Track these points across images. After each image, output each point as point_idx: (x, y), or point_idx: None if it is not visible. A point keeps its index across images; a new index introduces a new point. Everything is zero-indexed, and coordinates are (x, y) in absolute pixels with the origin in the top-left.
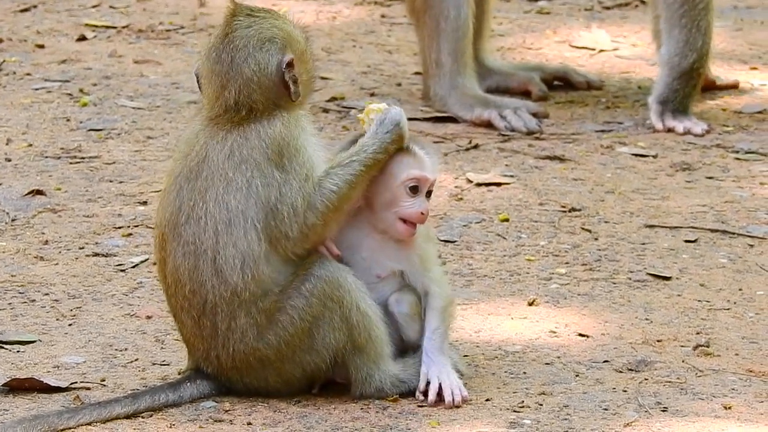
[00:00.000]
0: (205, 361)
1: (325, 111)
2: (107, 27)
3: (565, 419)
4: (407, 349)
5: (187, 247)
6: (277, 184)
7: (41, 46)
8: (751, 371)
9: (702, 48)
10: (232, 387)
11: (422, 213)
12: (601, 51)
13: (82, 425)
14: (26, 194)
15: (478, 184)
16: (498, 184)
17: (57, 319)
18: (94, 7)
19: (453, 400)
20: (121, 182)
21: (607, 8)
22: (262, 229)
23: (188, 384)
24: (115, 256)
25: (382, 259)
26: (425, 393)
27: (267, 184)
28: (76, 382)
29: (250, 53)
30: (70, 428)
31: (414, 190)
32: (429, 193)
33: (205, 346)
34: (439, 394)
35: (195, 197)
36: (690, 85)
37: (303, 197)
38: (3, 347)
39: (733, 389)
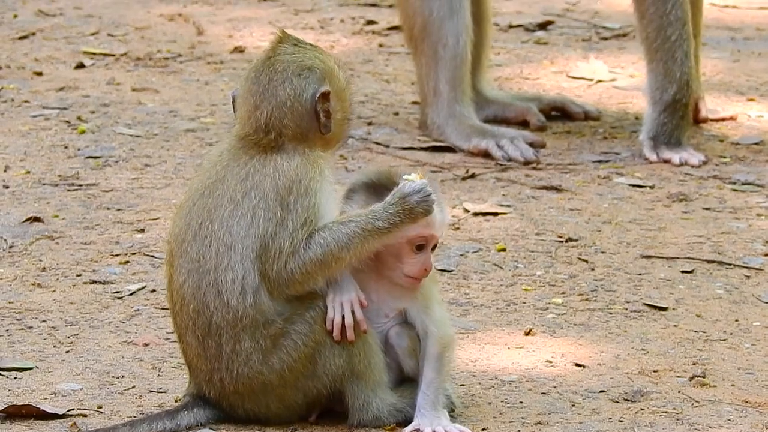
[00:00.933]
0: (207, 383)
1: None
2: (105, 55)
3: None
4: (406, 379)
5: (192, 264)
6: (275, 221)
7: (39, 74)
8: (747, 402)
9: (681, 78)
10: (232, 413)
11: (426, 269)
12: (599, 81)
13: None
14: (24, 221)
15: (475, 214)
16: (495, 214)
17: (54, 346)
18: (92, 34)
19: None
20: (118, 210)
21: (605, 39)
22: (255, 259)
23: (185, 412)
24: (112, 283)
25: (390, 301)
26: None
27: (267, 218)
28: (73, 409)
29: (288, 77)
30: None
31: (420, 248)
32: (434, 246)
33: (208, 368)
34: None
35: (204, 215)
36: (677, 117)
37: (291, 242)
38: (0, 374)
39: (729, 420)
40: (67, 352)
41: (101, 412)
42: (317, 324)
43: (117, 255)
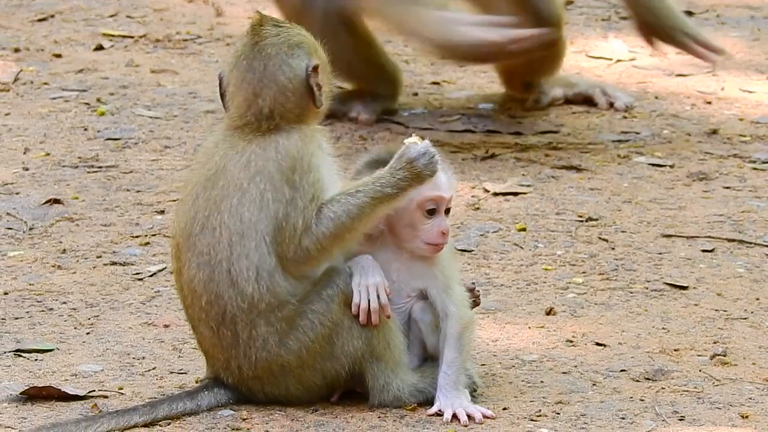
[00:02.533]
0: (225, 371)
1: (342, 121)
2: (124, 36)
3: (582, 428)
4: (429, 357)
5: (202, 257)
6: (285, 201)
7: (58, 56)
8: None
9: None
10: (252, 396)
11: (443, 233)
12: (618, 61)
13: None
14: (44, 203)
15: (495, 194)
16: (515, 194)
17: (75, 328)
18: (111, 16)
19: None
20: (138, 191)
21: (624, 18)
22: (270, 243)
23: (206, 392)
24: (132, 265)
25: (410, 281)
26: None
27: (277, 199)
28: (93, 391)
29: (284, 60)
30: None
31: (431, 212)
32: (447, 210)
33: (225, 356)
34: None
35: (210, 207)
36: None
37: (303, 219)
38: (21, 355)
39: (750, 398)
40: (87, 333)
41: (122, 394)
42: (334, 303)
43: (137, 236)
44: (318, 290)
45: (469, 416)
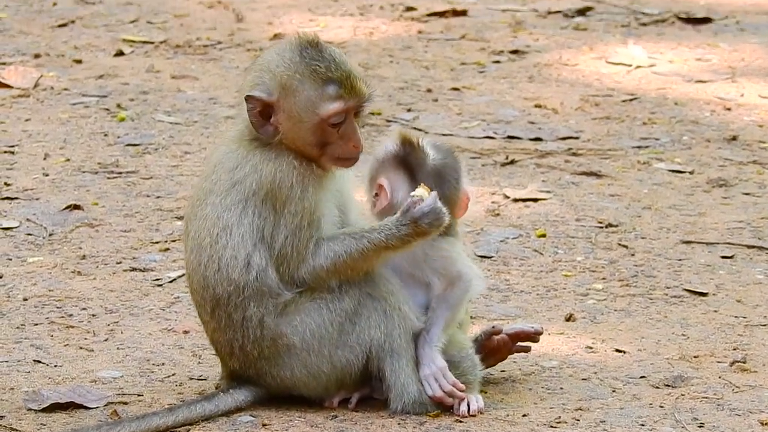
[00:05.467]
0: (230, 357)
1: (362, 126)
2: (145, 42)
3: None
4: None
5: (193, 241)
6: (270, 221)
7: (79, 62)
8: None
9: None
10: (260, 381)
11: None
12: (638, 67)
13: None
14: (64, 209)
15: (515, 200)
16: (535, 200)
17: (94, 334)
18: (131, 22)
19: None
20: (158, 197)
21: (644, 24)
22: (258, 243)
23: (222, 395)
24: (152, 270)
25: (424, 268)
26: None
27: (260, 215)
28: (112, 396)
29: (247, 83)
30: None
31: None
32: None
33: (226, 338)
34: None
35: (200, 196)
36: None
37: (297, 250)
38: (41, 362)
39: None
40: (106, 340)
41: (141, 400)
42: (347, 294)
43: (157, 242)
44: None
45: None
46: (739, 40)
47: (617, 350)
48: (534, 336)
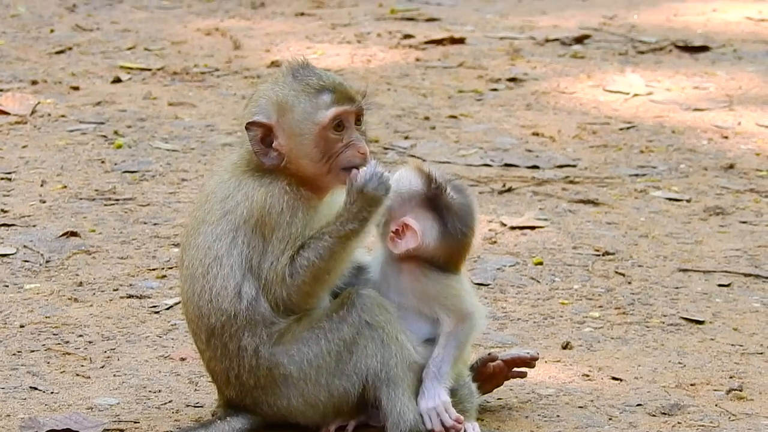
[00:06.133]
0: (227, 385)
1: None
2: (142, 69)
3: None
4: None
5: (187, 271)
6: (259, 250)
7: (76, 88)
8: None
9: None
10: (257, 410)
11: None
12: (635, 95)
13: None
14: (60, 236)
15: (512, 228)
16: (532, 228)
17: (91, 361)
18: (129, 49)
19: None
20: (155, 224)
21: (641, 53)
22: (247, 272)
23: (219, 422)
24: (149, 297)
25: (425, 299)
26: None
27: (250, 246)
28: (108, 423)
29: (247, 107)
30: None
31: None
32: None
33: (222, 367)
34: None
35: (194, 225)
36: None
37: (276, 272)
38: (37, 389)
39: None
40: (103, 366)
41: (138, 427)
42: (346, 323)
43: (154, 269)
44: (327, 308)
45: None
46: (737, 69)
47: (614, 378)
48: (530, 361)
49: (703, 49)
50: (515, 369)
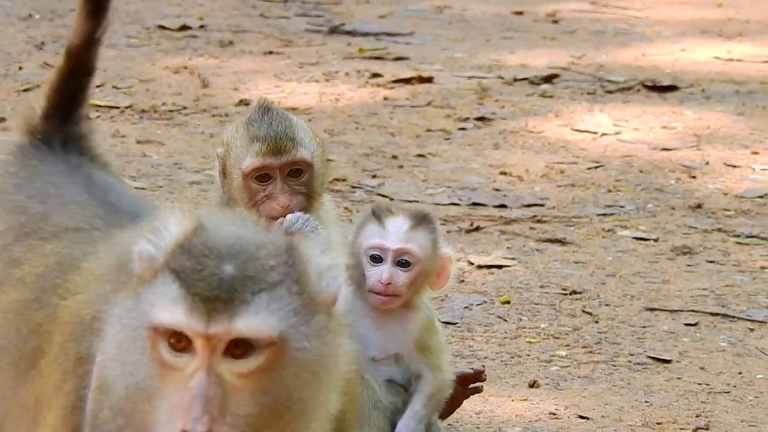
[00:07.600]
0: None
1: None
2: (110, 107)
3: None
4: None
5: None
6: None
7: None
8: None
9: None
10: None
11: (380, 281)
12: (603, 135)
13: None
14: None
15: (480, 267)
16: (499, 267)
17: None
18: (97, 87)
19: None
20: None
21: (610, 92)
22: None
23: None
24: None
25: (379, 341)
26: None
27: None
28: None
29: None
30: None
31: (376, 259)
32: (404, 264)
33: None
34: None
35: None
36: None
37: None
38: None
39: None
40: None
41: None
42: None
43: None
44: None
45: None
46: (705, 108)
47: (581, 416)
48: (478, 375)
49: (672, 88)
50: (471, 386)
